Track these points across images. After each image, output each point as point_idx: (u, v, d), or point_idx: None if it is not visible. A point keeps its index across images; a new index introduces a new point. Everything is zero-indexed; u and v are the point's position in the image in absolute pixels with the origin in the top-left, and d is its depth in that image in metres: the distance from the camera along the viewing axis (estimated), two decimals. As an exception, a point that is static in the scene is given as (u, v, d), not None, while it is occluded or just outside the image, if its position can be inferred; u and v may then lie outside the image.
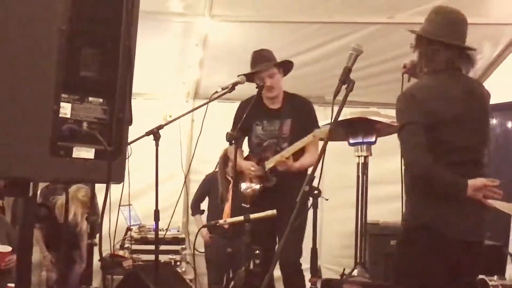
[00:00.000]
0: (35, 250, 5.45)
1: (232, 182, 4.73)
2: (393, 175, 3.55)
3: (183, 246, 6.24)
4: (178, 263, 6.14)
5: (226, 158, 5.77)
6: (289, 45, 5.83)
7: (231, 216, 3.94)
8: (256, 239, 3.55)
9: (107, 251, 4.76)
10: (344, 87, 2.67)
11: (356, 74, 2.76)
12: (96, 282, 5.30)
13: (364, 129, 5.39)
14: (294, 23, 5.68)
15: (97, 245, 3.36)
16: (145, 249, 5.86)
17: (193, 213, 6.26)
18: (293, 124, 4.23)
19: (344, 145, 5.56)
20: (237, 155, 4.08)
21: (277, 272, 4.23)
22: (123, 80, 1.98)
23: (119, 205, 4.15)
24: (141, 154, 4.01)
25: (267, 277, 2.45)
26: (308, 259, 3.55)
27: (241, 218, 3.54)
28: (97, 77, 1.92)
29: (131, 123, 2.02)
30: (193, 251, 4.15)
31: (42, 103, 1.80)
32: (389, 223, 6.19)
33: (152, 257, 4.18)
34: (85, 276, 5.14)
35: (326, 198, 4.13)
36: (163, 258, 5.62)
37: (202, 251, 6.14)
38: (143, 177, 5.03)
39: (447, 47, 2.97)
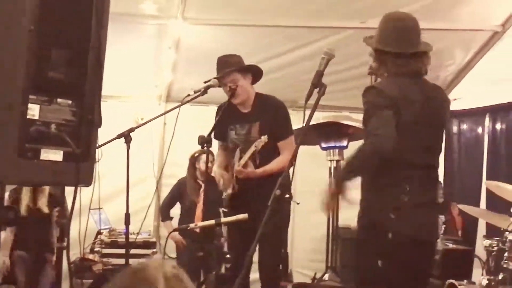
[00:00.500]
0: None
1: (203, 186, 4.70)
2: (365, 180, 3.57)
3: (154, 250, 6.19)
4: (148, 267, 6.07)
5: (194, 160, 5.77)
6: (262, 48, 5.84)
7: (202, 219, 3.92)
8: (230, 244, 3.53)
9: (76, 255, 4.70)
10: (316, 90, 2.68)
11: (329, 78, 2.76)
12: (66, 285, 5.23)
13: (336, 133, 5.43)
14: (267, 27, 5.68)
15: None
16: (115, 253, 5.79)
17: (163, 219, 6.20)
18: (262, 127, 4.18)
19: (316, 149, 5.59)
20: (211, 159, 4.03)
21: (254, 275, 4.20)
22: (92, 81, 1.96)
23: (89, 209, 4.10)
24: (112, 157, 3.99)
25: (237, 281, 2.44)
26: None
27: (212, 222, 3.52)
28: (66, 79, 1.90)
29: (100, 125, 2.01)
30: (163, 256, 4.11)
31: (9, 104, 1.77)
32: (360, 227, 6.21)
33: (123, 261, 4.15)
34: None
35: (297, 202, 4.14)
36: (133, 262, 5.55)
37: (173, 256, 6.10)
38: (114, 181, 4.98)
39: (397, 55, 2.99)
